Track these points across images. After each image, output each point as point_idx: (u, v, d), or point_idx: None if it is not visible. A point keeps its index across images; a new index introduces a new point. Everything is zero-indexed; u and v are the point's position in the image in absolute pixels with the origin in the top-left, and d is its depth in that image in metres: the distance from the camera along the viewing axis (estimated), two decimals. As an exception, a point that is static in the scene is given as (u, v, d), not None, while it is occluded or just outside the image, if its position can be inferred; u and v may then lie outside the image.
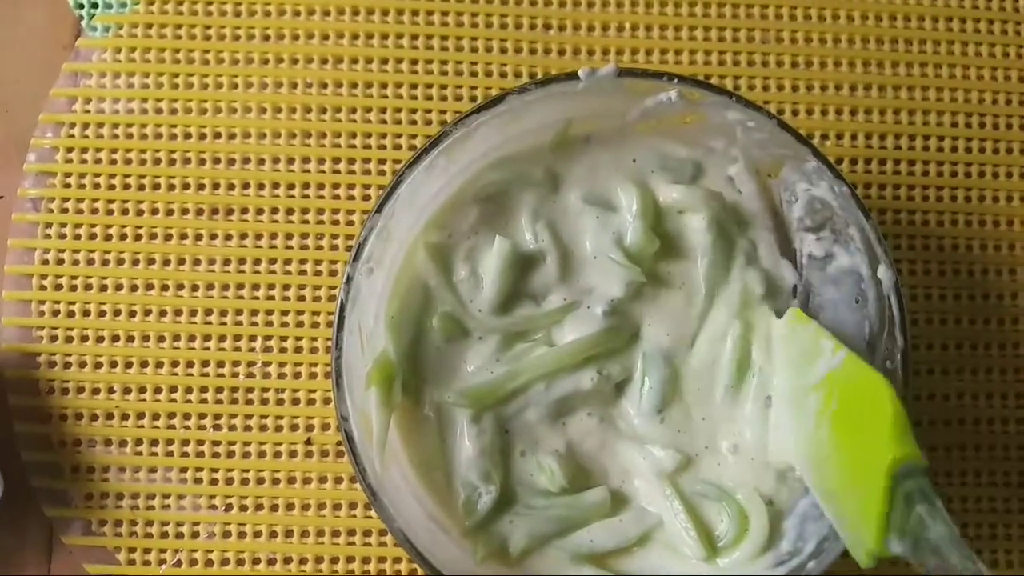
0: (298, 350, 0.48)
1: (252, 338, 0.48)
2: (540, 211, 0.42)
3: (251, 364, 0.48)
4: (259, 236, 0.49)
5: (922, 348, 0.49)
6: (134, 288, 0.48)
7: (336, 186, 0.49)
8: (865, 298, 0.40)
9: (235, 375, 0.48)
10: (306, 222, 0.49)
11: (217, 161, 0.49)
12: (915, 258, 0.49)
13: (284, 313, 0.48)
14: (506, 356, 0.41)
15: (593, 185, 0.42)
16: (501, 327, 0.41)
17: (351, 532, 0.47)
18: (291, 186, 0.49)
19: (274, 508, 0.47)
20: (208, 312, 0.48)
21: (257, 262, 0.48)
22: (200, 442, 0.47)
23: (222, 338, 0.48)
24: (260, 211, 0.49)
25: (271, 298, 0.48)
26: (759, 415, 0.40)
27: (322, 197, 0.49)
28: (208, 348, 0.48)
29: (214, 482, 0.47)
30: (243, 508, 0.47)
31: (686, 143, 0.42)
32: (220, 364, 0.48)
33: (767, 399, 0.41)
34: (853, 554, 0.34)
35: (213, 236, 0.48)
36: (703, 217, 0.42)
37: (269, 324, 0.48)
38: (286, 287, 0.48)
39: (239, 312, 0.48)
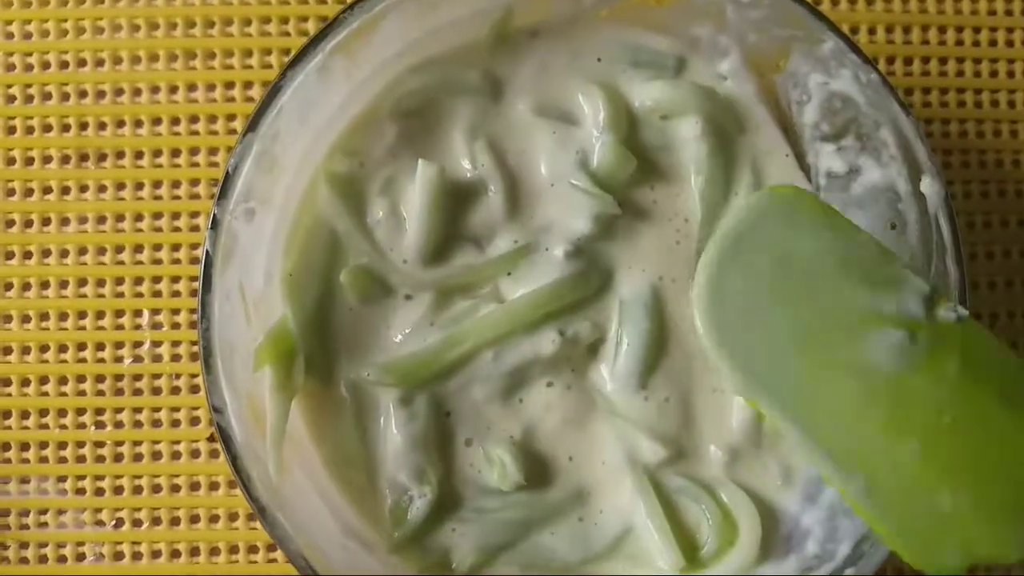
0: (194, 324, 0.39)
1: (137, 312, 0.40)
2: (479, 127, 0.35)
3: (137, 345, 0.40)
4: (139, 185, 0.41)
5: (983, 287, 0.41)
6: (-9, 258, 0.41)
7: (231, 117, 0.41)
8: (903, 222, 0.33)
9: (118, 359, 0.40)
10: (196, 164, 0.41)
11: (83, 95, 0.41)
12: (970, 178, 0.41)
13: (175, 280, 0.40)
14: (442, 318, 0.34)
15: (546, 91, 0.35)
16: (434, 281, 0.34)
17: (271, 547, 0.40)
18: (175, 120, 0.41)
19: (174, 522, 0.40)
20: (81, 283, 0.40)
21: (139, 217, 0.41)
22: (80, 444, 0.40)
23: (100, 314, 0.40)
24: (139, 154, 0.41)
25: (158, 262, 0.40)
26: None
27: (215, 132, 0.41)
28: (83, 328, 0.40)
29: (99, 492, 0.40)
30: (136, 523, 0.40)
31: (663, 32, 0.35)
32: (99, 347, 0.40)
33: None
34: (916, 562, 0.28)
35: (83, 188, 0.41)
36: (695, 121, 0.35)
37: (157, 294, 0.40)
38: (175, 247, 0.40)
39: (119, 281, 0.40)
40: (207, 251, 0.30)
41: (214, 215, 0.30)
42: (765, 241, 0.30)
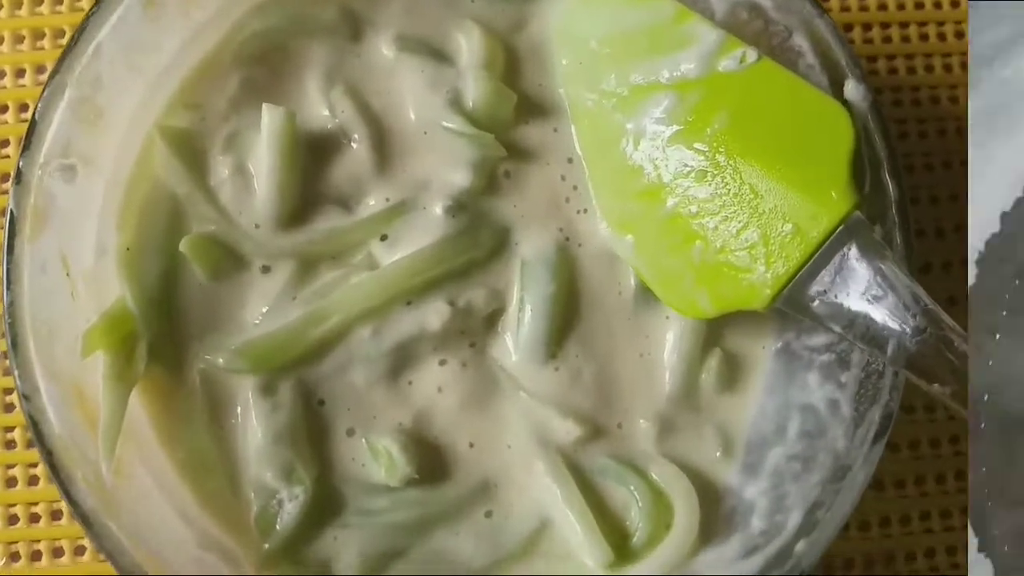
0: None
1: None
2: (337, 71, 0.31)
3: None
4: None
5: (923, 200, 0.36)
6: None
7: (41, 69, 0.35)
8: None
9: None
10: (4, 123, 0.34)
11: None
12: (904, 116, 0.36)
13: None
14: (306, 292, 0.30)
15: (413, 26, 0.31)
16: (293, 248, 0.30)
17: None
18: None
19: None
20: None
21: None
22: None
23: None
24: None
25: None
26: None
27: (23, 86, 0.34)
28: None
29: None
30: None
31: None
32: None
33: None
34: (676, 306, 0.29)
35: None
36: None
37: None
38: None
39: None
40: (11, 211, 0.25)
41: (19, 168, 0.25)
42: (575, 29, 0.30)
